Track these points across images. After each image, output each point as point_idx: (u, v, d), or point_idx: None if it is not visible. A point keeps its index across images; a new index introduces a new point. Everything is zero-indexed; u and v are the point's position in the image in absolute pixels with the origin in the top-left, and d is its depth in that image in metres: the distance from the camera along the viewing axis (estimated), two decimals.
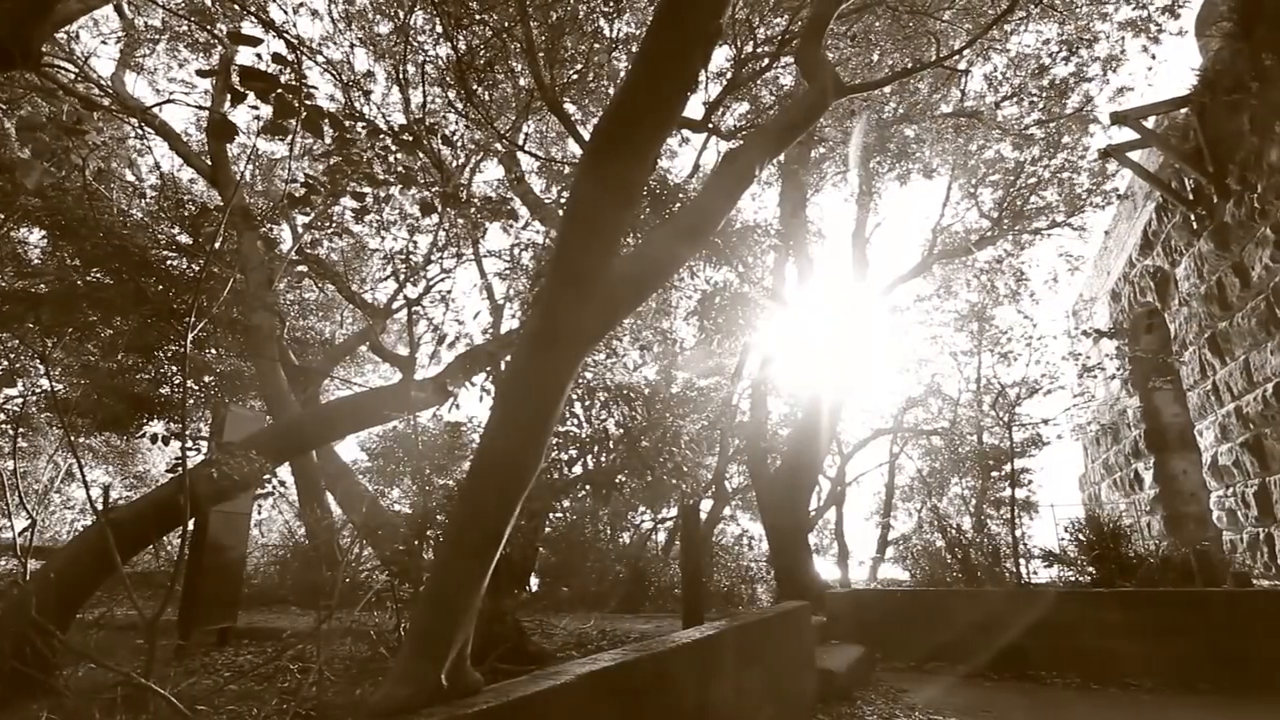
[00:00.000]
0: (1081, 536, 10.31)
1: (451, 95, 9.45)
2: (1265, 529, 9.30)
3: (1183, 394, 12.06)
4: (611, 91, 9.42)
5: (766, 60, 9.02)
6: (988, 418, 14.47)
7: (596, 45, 9.12)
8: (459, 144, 9.30)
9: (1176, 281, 11.24)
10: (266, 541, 15.14)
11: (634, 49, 8.95)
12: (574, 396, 6.24)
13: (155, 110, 10.26)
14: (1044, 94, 10.16)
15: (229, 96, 2.65)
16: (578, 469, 6.59)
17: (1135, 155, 10.70)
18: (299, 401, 10.44)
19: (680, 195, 6.80)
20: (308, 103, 2.76)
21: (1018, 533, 10.94)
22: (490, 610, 4.69)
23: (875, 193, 11.86)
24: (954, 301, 14.70)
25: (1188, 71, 10.58)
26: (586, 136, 7.60)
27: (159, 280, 7.23)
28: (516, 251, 8.38)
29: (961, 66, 9.21)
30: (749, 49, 8.93)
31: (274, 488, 5.32)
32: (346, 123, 3.41)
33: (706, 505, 15.58)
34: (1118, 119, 10.00)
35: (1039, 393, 13.72)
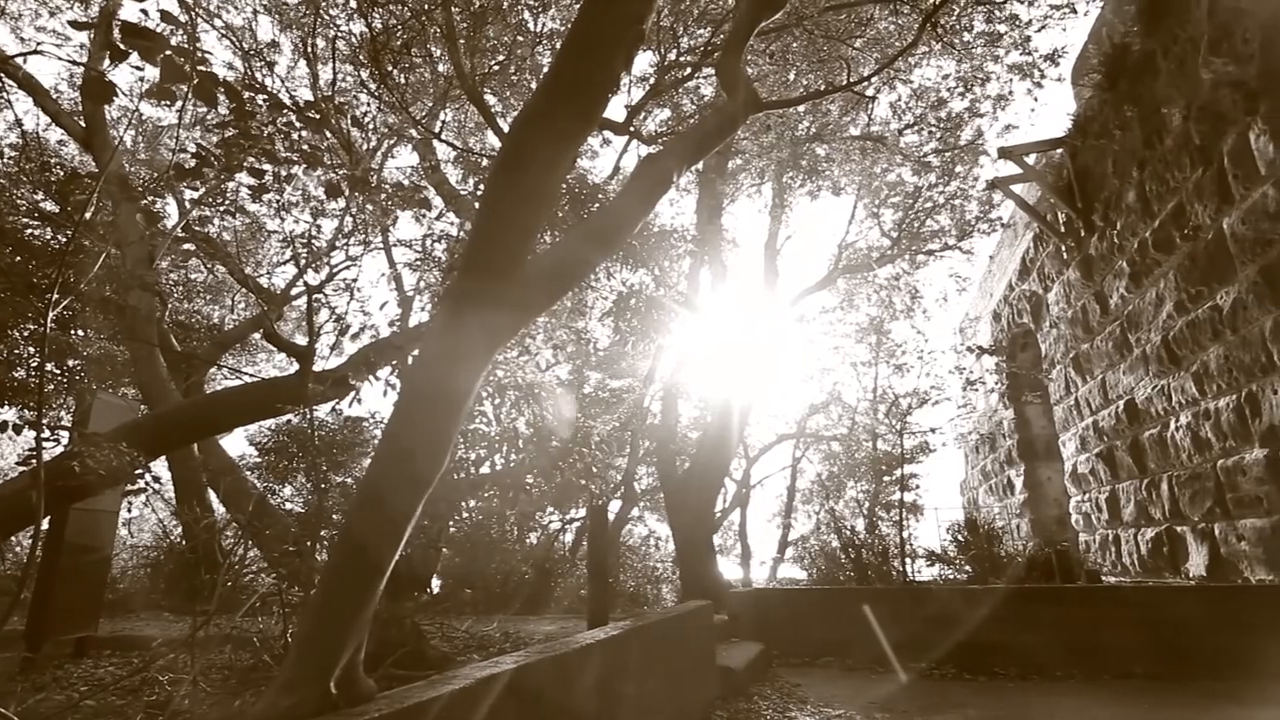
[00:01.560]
0: (960, 537, 11.12)
1: (364, 75, 9.03)
2: (1114, 531, 10.35)
3: (1050, 408, 13.24)
4: (534, 85, 9.31)
5: (689, 69, 9.19)
6: (882, 425, 15.34)
7: (520, 38, 8.98)
8: (370, 126, 8.90)
9: (1048, 305, 12.33)
10: (137, 542, 13.90)
11: (558, 45, 8.87)
12: (484, 394, 6.11)
13: (18, 61, 9.20)
14: (941, 125, 10.90)
15: (108, 54, 2.41)
16: (485, 468, 6.45)
17: (1018, 188, 11.67)
18: (180, 390, 9.64)
19: (600, 195, 6.81)
20: (201, 68, 2.56)
21: (905, 534, 11.66)
22: (388, 614, 4.51)
23: (787, 206, 12.32)
24: (855, 314, 15.49)
25: (1064, 115, 11.66)
26: (506, 129, 7.46)
27: (16, 250, 6.47)
28: (429, 243, 8.11)
29: (870, 93, 9.74)
30: (672, 56, 9.06)
31: (147, 483, 4.88)
32: (246, 94, 3.19)
33: (615, 506, 15.65)
34: (1004, 153, 10.87)
35: (928, 403, 14.69)
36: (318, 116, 3.42)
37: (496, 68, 9.17)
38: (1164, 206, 8.02)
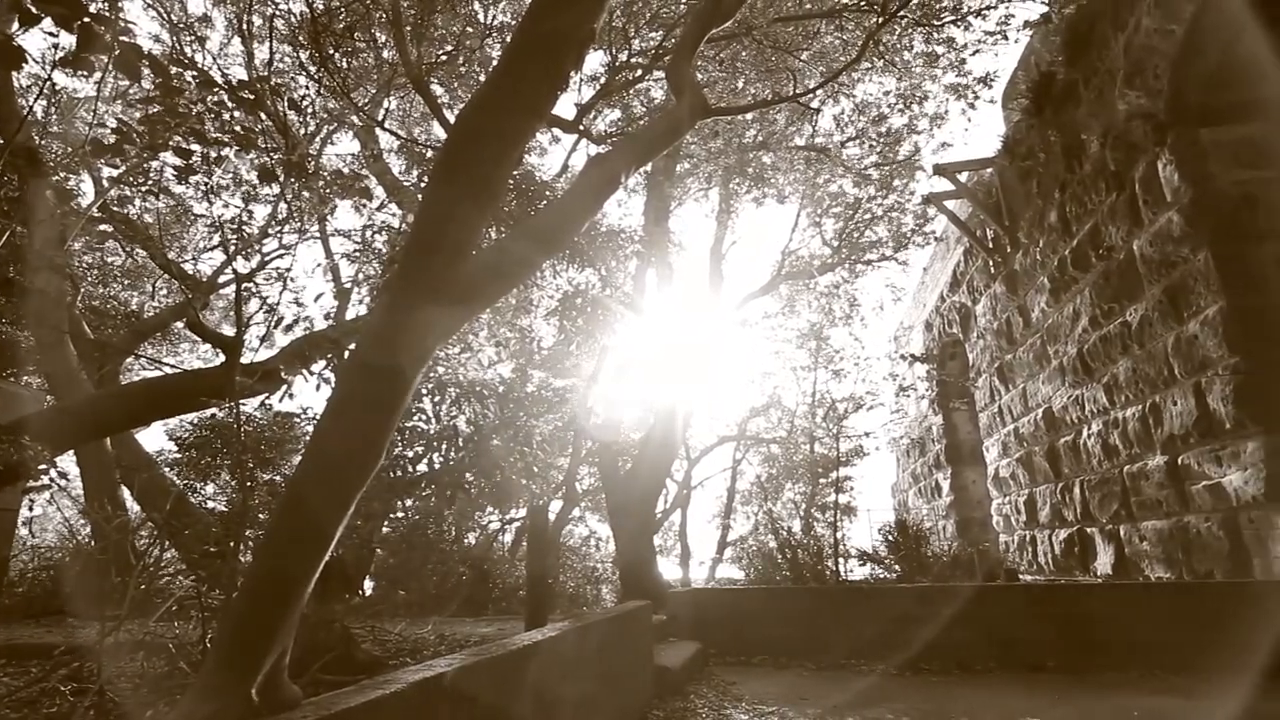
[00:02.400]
0: (891, 538, 11.53)
1: (304, 57, 8.68)
2: (1031, 532, 10.93)
3: (976, 415, 13.89)
4: (482, 78, 9.15)
5: (640, 71, 9.22)
6: (819, 429, 15.77)
7: (470, 29, 8.82)
8: (309, 110, 8.56)
9: (976, 317, 12.93)
10: (39, 543, 12.96)
11: (508, 38, 8.76)
12: (423, 391, 5.96)
13: None
14: (881, 140, 11.28)
15: (17, 17, 2.24)
16: (423, 466, 6.30)
17: (950, 204, 12.21)
18: (92, 381, 9.05)
19: (548, 193, 6.76)
20: (123, 39, 2.41)
21: (839, 534, 12.01)
22: (316, 616, 4.34)
23: (733, 211, 12.51)
24: (797, 320, 15.85)
25: (995, 136, 12.27)
26: (453, 120, 7.32)
27: None
28: (369, 233, 7.86)
29: (815, 105, 9.99)
30: (624, 58, 9.07)
31: (52, 480, 4.54)
32: (173, 69, 3.02)
33: (556, 506, 15.52)
34: (939, 170, 11.35)
35: (863, 408, 15.18)
36: (252, 97, 3.27)
37: (444, 58, 8.97)
38: (1082, 227, 8.53)
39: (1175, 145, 6.58)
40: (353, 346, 5.71)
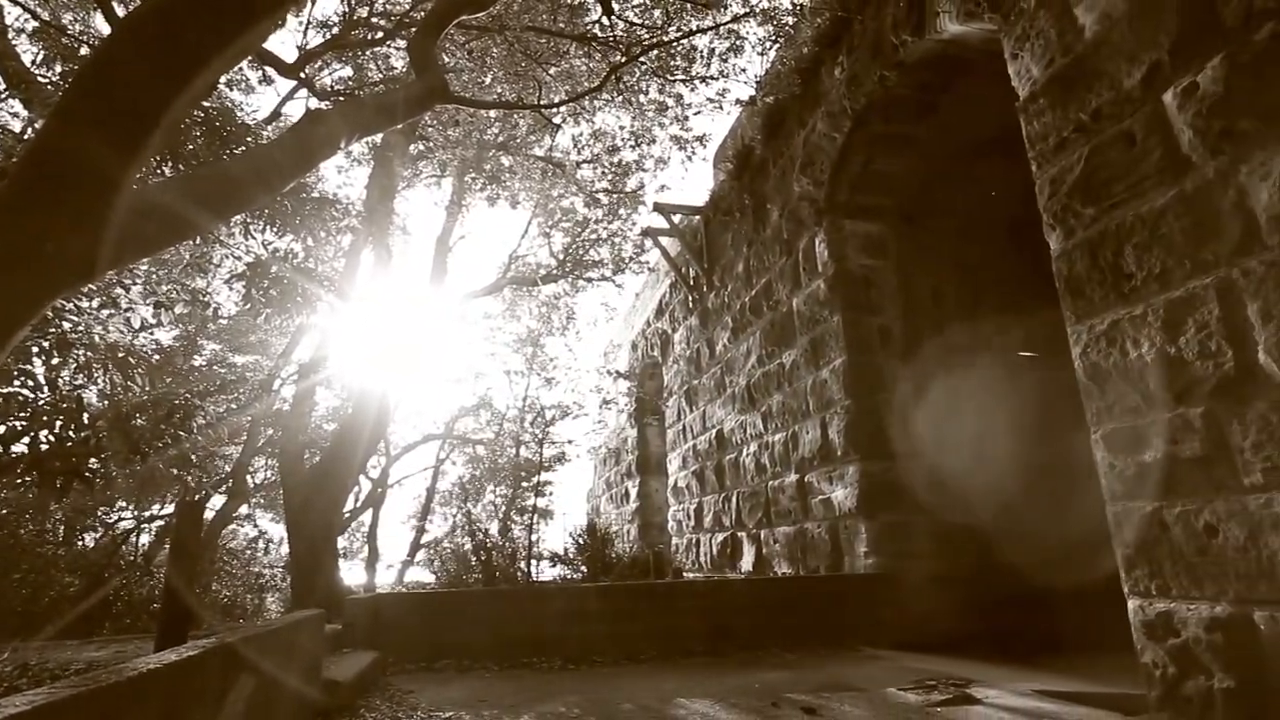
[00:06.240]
0: (580, 541, 12.23)
1: None
2: (697, 535, 12.54)
3: (665, 430, 15.55)
4: None
5: (381, 34, 8.53)
6: (527, 433, 16.10)
7: None
8: None
9: (674, 344, 14.53)
10: None
11: None
12: (32, 348, 4.62)
13: None
14: (613, 169, 12.12)
15: None
16: (21, 446, 4.85)
17: (664, 240, 13.59)
18: None
19: (249, 138, 5.82)
20: None
21: (535, 537, 12.36)
22: None
23: (465, 206, 12.24)
24: (517, 325, 16.06)
25: (706, 190, 14.04)
26: (123, 16, 5.90)
27: None
28: None
29: (557, 120, 10.32)
30: (364, 13, 8.32)
31: None
32: None
33: (219, 502, 13.28)
34: (658, 207, 12.57)
35: (570, 416, 15.94)
36: None
37: None
38: (760, 280, 10.18)
39: (828, 228, 8.28)
40: None
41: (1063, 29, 4.23)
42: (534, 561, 12.63)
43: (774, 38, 8.81)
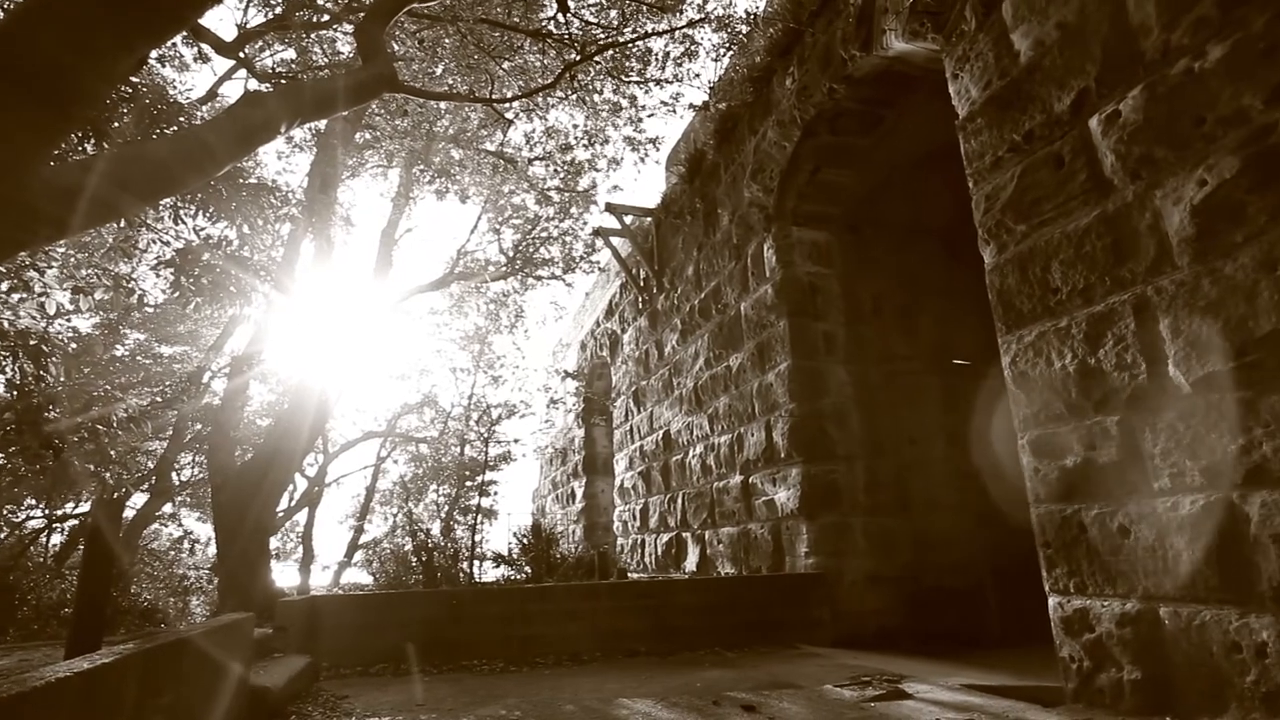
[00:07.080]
0: (524, 541, 12.10)
1: None
2: (643, 536, 12.58)
3: (612, 431, 15.54)
4: None
5: (327, 17, 8.25)
6: (472, 432, 15.84)
7: None
8: None
9: (623, 344, 14.54)
10: None
11: None
12: None
13: None
14: (566, 167, 12.05)
15: None
16: None
17: (616, 240, 13.59)
18: None
19: (180, 118, 5.53)
20: None
21: (478, 537, 12.17)
22: None
23: (413, 198, 11.96)
24: (464, 322, 15.78)
25: (658, 192, 14.11)
26: None
27: None
28: None
29: (509, 115, 10.20)
30: None
31: None
32: None
33: (140, 500, 12.58)
34: (610, 208, 12.56)
35: (516, 415, 15.75)
36: None
37: None
38: (709, 284, 10.29)
39: (776, 235, 8.44)
40: None
41: (1000, 53, 4.43)
42: (477, 562, 12.43)
43: (728, 45, 8.94)
